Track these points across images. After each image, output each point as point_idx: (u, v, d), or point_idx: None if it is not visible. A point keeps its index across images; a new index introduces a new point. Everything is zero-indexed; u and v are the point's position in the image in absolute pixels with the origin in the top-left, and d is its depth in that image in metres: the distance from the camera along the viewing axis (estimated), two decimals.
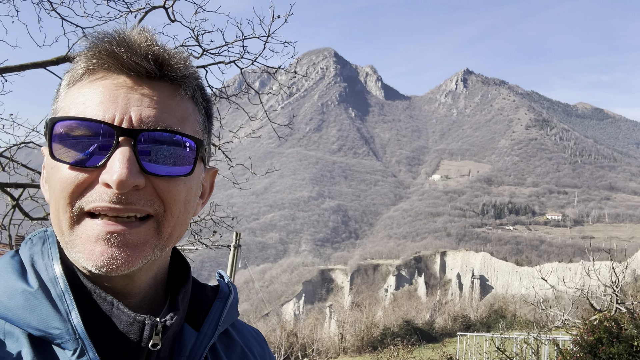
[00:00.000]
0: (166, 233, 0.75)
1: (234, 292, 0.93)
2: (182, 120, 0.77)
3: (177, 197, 0.75)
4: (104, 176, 0.69)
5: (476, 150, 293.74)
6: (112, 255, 0.69)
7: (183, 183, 0.76)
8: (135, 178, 0.69)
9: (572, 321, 10.86)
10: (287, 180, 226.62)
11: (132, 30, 0.76)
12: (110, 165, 0.69)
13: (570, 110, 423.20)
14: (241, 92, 6.06)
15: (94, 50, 0.74)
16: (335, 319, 35.35)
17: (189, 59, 0.80)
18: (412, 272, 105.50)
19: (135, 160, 0.70)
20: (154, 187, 0.73)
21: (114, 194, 0.69)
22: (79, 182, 0.70)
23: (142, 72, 0.75)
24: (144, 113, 0.73)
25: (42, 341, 0.70)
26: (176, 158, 0.74)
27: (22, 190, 5.02)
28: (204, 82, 0.83)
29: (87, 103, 0.73)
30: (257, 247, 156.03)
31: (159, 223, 0.74)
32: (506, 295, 49.29)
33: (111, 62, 0.74)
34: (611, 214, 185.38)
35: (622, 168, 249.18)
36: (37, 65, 4.14)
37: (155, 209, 0.73)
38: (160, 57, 0.75)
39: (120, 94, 0.73)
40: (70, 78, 0.77)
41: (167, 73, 0.77)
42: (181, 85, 0.78)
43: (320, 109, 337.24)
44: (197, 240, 6.99)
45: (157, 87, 0.76)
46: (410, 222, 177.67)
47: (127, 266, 0.70)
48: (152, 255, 0.73)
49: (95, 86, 0.74)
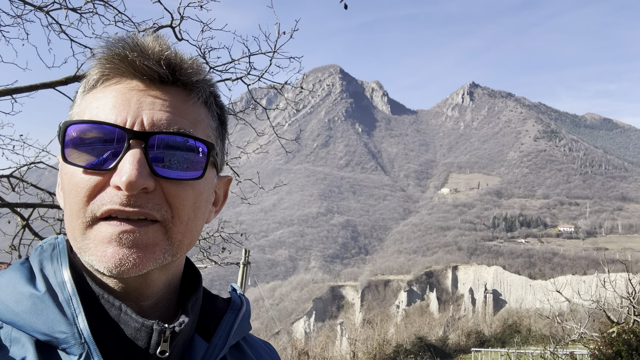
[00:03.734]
0: (176, 239, 0.74)
1: (247, 305, 0.93)
2: (195, 124, 0.77)
3: (186, 201, 0.74)
4: (115, 178, 0.69)
5: (485, 163, 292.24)
6: (123, 256, 0.69)
7: (192, 188, 0.75)
8: (144, 180, 0.69)
9: (589, 334, 10.60)
10: (295, 197, 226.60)
11: (146, 37, 0.77)
12: (120, 167, 0.70)
13: (579, 121, 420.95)
14: (248, 109, 6.09)
15: (108, 56, 0.75)
16: (346, 336, 34.91)
17: (202, 65, 0.80)
18: (423, 288, 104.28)
19: (146, 162, 0.70)
20: (163, 190, 0.72)
21: (124, 196, 0.69)
22: (92, 186, 0.70)
23: (154, 77, 0.76)
24: (155, 116, 0.73)
25: (48, 347, 0.69)
26: (187, 161, 0.74)
27: (32, 210, 5.04)
28: (218, 89, 0.86)
29: (100, 107, 0.74)
30: (267, 265, 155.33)
31: (167, 229, 0.73)
32: (520, 310, 48.41)
33: (124, 66, 0.75)
34: (624, 225, 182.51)
35: (634, 178, 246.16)
36: (47, 85, 4.18)
37: (163, 214, 0.72)
38: (172, 61, 0.76)
39: (133, 98, 0.74)
40: (86, 85, 0.79)
41: (179, 78, 0.77)
42: (194, 90, 0.79)
43: (327, 125, 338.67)
44: (206, 257, 6.96)
45: (169, 92, 0.76)
46: (420, 236, 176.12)
47: (138, 267, 0.70)
48: (162, 259, 0.73)
49: (108, 91, 0.75)
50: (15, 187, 5.00)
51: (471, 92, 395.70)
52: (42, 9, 4.47)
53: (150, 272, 0.74)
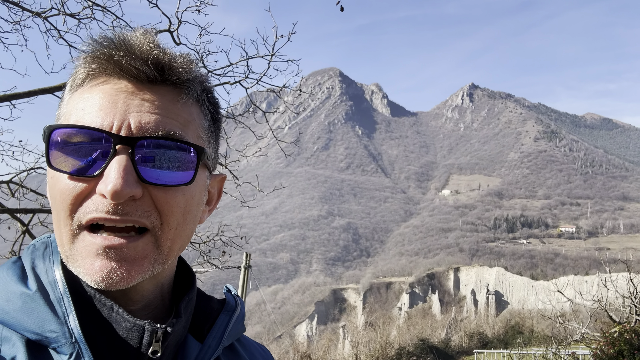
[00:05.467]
0: (165, 247, 0.73)
1: (241, 306, 0.92)
2: (185, 125, 0.75)
3: (175, 208, 0.72)
4: (100, 186, 0.67)
5: (485, 164, 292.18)
6: (110, 269, 0.68)
7: (182, 193, 0.73)
8: (131, 188, 0.67)
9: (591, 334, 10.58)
10: (296, 200, 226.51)
11: (134, 33, 0.74)
12: (106, 174, 0.67)
13: (579, 121, 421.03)
14: (248, 112, 6.10)
15: (94, 55, 0.73)
16: (349, 339, 34.85)
17: (193, 61, 0.78)
18: (425, 290, 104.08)
19: (133, 169, 0.68)
20: (152, 197, 0.70)
21: (111, 205, 0.67)
22: (77, 193, 0.68)
23: (142, 77, 0.73)
24: (143, 119, 0.70)
25: (38, 346, 0.68)
26: (176, 166, 0.72)
27: (32, 215, 5.05)
28: (210, 83, 0.83)
29: (86, 109, 0.71)
30: (268, 268, 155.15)
31: (157, 237, 0.71)
32: (522, 311, 48.37)
33: (110, 66, 0.72)
34: (626, 225, 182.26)
35: (635, 177, 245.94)
36: (45, 91, 4.20)
37: (152, 221, 0.70)
38: (161, 61, 0.73)
39: (120, 100, 0.71)
40: (73, 83, 0.76)
41: (168, 77, 0.74)
42: (184, 89, 0.76)
43: (327, 127, 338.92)
44: (207, 261, 6.95)
45: (158, 92, 0.74)
46: (422, 238, 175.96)
47: (125, 281, 0.68)
48: (152, 270, 0.71)
49: (95, 91, 0.73)
50: (15, 193, 5.02)
51: (471, 93, 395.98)
52: (41, 15, 4.48)
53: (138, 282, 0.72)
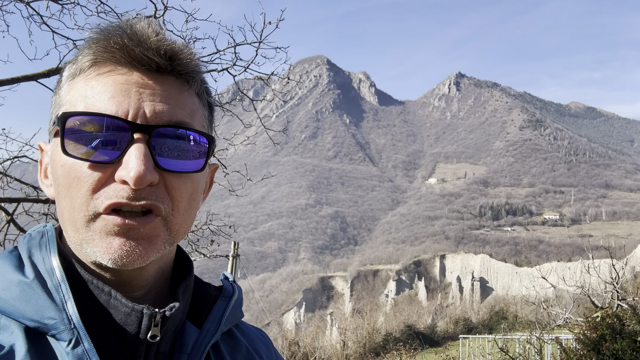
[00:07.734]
0: (174, 230, 0.75)
1: (238, 292, 0.93)
2: (192, 115, 0.77)
3: (185, 194, 0.75)
4: (121, 173, 0.68)
5: (471, 153, 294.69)
6: (129, 247, 0.69)
7: (191, 180, 0.76)
8: (151, 174, 0.69)
9: (574, 319, 10.81)
10: (284, 189, 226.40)
11: (141, 23, 0.75)
12: (126, 161, 0.69)
13: (563, 110, 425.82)
14: (235, 100, 6.04)
15: (105, 43, 0.73)
16: (336, 326, 35.16)
17: (195, 52, 0.80)
18: (412, 277, 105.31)
19: (150, 156, 0.70)
20: (165, 183, 0.73)
21: (131, 190, 0.69)
22: (96, 179, 0.70)
23: (152, 66, 0.74)
24: (157, 108, 0.72)
25: (37, 333, 0.69)
26: (188, 154, 0.74)
27: (17, 205, 4.97)
28: (206, 76, 0.85)
29: (96, 97, 0.71)
30: (256, 257, 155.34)
31: (167, 220, 0.73)
32: (507, 297, 49.17)
33: (121, 55, 0.73)
34: (608, 212, 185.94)
35: (617, 166, 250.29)
36: (29, 77, 4.11)
37: (166, 207, 0.72)
38: (170, 51, 0.75)
39: (132, 89, 0.72)
40: (75, 70, 0.76)
41: (176, 67, 0.76)
42: (189, 80, 0.78)
43: (314, 116, 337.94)
44: (195, 250, 6.93)
45: (166, 82, 0.76)
46: (409, 226, 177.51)
47: (142, 259, 0.70)
48: (163, 249, 0.74)
49: (104, 80, 0.73)
50: None
51: (457, 82, 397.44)
52: (23, 0, 4.37)
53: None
